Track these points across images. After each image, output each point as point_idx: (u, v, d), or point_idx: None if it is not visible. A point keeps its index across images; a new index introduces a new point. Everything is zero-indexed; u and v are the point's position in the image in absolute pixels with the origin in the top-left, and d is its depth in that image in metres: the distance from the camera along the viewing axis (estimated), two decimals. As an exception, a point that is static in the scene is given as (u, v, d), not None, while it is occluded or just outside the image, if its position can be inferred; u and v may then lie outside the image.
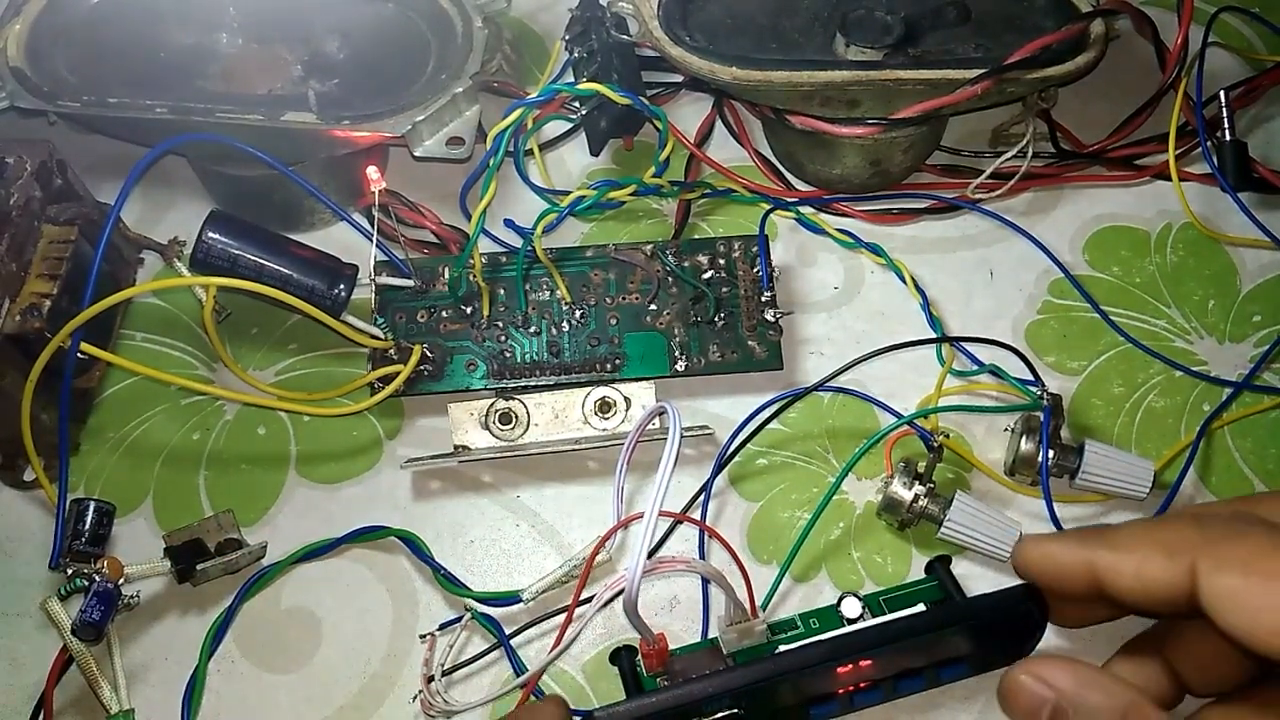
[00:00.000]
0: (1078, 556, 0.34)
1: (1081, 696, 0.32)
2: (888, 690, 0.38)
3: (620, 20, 0.61)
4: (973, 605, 0.39)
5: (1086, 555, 0.34)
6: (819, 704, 0.37)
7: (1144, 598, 0.32)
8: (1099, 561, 0.33)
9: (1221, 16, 0.64)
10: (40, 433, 0.48)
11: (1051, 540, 0.35)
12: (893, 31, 0.55)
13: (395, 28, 0.60)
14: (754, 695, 0.35)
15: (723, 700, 0.35)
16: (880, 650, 0.36)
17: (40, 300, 0.48)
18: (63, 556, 0.47)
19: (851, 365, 0.51)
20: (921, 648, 0.37)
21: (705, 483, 0.50)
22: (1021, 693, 0.34)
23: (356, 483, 0.52)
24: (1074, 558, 0.34)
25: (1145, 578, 0.32)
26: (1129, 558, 0.33)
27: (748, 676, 0.35)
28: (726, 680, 0.35)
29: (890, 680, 0.38)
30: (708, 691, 0.35)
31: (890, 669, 0.37)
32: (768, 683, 0.35)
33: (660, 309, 0.54)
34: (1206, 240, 0.58)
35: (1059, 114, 0.59)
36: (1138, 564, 0.32)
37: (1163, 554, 0.32)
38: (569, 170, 0.61)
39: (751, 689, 0.35)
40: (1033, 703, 0.33)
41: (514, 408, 0.52)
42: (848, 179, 0.58)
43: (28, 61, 0.56)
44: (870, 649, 0.36)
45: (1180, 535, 0.32)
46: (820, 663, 0.36)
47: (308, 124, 0.54)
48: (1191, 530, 0.32)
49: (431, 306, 0.54)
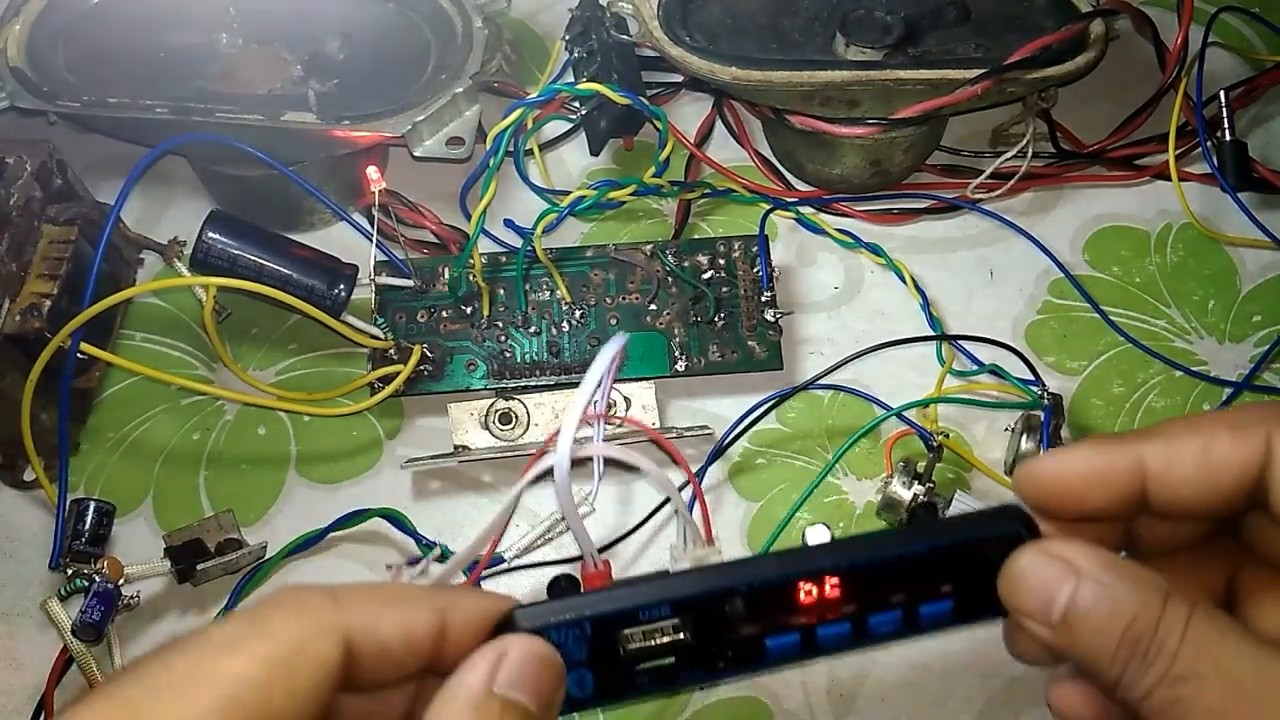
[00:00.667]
0: (1116, 457, 0.29)
1: (1110, 578, 0.27)
2: (857, 627, 0.32)
3: (620, 20, 0.61)
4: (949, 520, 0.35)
5: (1130, 452, 0.29)
6: (776, 633, 0.32)
7: (1204, 491, 0.28)
8: (1149, 454, 0.29)
9: (1221, 16, 0.63)
10: (40, 433, 0.48)
11: (1072, 450, 0.30)
12: (893, 31, 0.55)
13: (395, 28, 0.60)
14: (698, 608, 0.31)
15: (661, 609, 0.31)
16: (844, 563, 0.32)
17: (40, 300, 0.48)
18: (63, 556, 0.47)
19: (848, 360, 0.52)
20: (893, 572, 0.32)
21: (699, 469, 0.50)
22: (1035, 574, 0.28)
23: (356, 483, 0.52)
24: (1109, 460, 0.29)
25: (1212, 461, 0.28)
26: (1190, 442, 0.28)
27: (689, 584, 0.31)
28: (665, 586, 0.31)
29: (861, 613, 0.32)
30: (642, 596, 0.31)
31: (859, 597, 0.32)
32: (713, 594, 0.31)
33: (660, 309, 0.54)
34: (1206, 240, 0.58)
35: (1059, 114, 0.59)
36: (1202, 446, 0.28)
37: (1230, 433, 0.28)
38: (569, 170, 0.61)
39: (695, 600, 0.31)
40: (1048, 585, 0.28)
41: (514, 408, 0.52)
42: (848, 179, 0.58)
43: (28, 61, 0.55)
44: (833, 563, 0.32)
45: (1248, 413, 0.28)
46: (775, 575, 0.31)
47: (308, 124, 0.54)
48: (1261, 408, 0.29)
49: (431, 306, 0.54)
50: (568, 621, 0.30)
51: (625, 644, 0.30)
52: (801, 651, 0.32)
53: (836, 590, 0.31)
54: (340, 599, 0.27)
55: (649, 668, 0.30)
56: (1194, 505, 0.29)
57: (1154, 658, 0.26)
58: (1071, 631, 0.27)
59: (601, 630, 0.30)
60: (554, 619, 0.30)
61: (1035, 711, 0.46)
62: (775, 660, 0.31)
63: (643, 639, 0.30)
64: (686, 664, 0.31)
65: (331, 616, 0.26)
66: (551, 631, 0.29)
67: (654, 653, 0.30)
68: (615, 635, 0.30)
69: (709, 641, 0.31)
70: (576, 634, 0.30)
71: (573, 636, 0.30)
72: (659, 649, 0.30)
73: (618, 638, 0.30)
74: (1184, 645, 0.26)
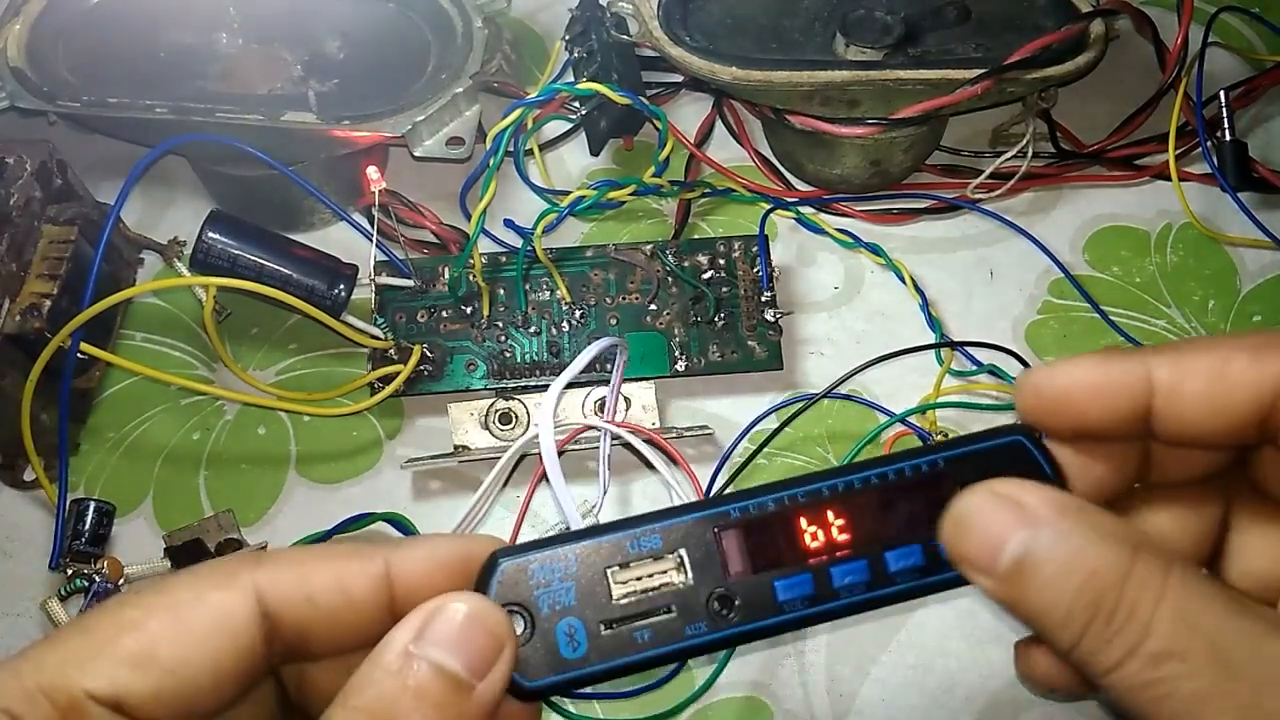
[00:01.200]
0: (1125, 367, 0.26)
1: (1067, 528, 0.24)
2: (875, 568, 0.29)
3: (620, 20, 0.61)
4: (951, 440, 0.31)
5: (1139, 364, 0.26)
6: (785, 575, 0.29)
7: (1214, 414, 0.26)
8: (1160, 367, 0.26)
9: (1221, 16, 0.63)
10: (40, 433, 0.49)
11: (1078, 359, 0.27)
12: (893, 31, 0.55)
13: (395, 28, 0.60)
14: (692, 540, 0.29)
15: (652, 540, 0.28)
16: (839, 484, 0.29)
17: (40, 300, 0.48)
18: (63, 556, 0.47)
19: (855, 373, 0.52)
20: (901, 500, 0.29)
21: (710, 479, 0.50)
22: (980, 517, 0.25)
23: (356, 483, 0.52)
24: (1117, 370, 0.26)
25: (1228, 380, 0.25)
26: (1204, 358, 0.26)
27: (680, 514, 0.29)
28: (654, 517, 0.29)
29: (875, 550, 0.29)
30: (630, 525, 0.29)
31: (869, 530, 0.29)
32: (705, 519, 0.29)
33: (660, 309, 0.54)
34: (1206, 240, 0.58)
35: (1059, 114, 0.59)
36: (1218, 364, 0.25)
37: (1248, 352, 0.25)
38: (569, 170, 0.61)
39: (687, 529, 0.29)
40: (994, 532, 0.25)
41: (514, 408, 0.52)
42: (848, 179, 0.58)
43: (28, 61, 0.55)
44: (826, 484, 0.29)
45: (1269, 336, 0.26)
46: (769, 498, 0.29)
47: (308, 124, 0.54)
48: (1276, 332, 0.26)
49: (431, 306, 0.54)
50: (551, 556, 0.28)
51: (617, 586, 0.28)
52: (816, 597, 0.29)
53: (841, 519, 0.29)
54: (261, 557, 0.26)
55: (648, 625, 0.28)
56: (1202, 429, 0.26)
57: (1121, 624, 0.23)
58: (1020, 585, 0.24)
59: (589, 568, 0.28)
60: (536, 555, 0.28)
61: (1035, 711, 0.46)
62: (790, 610, 0.29)
63: (635, 583, 0.28)
64: (689, 617, 0.28)
65: (245, 571, 0.25)
66: (535, 568, 0.28)
67: (652, 606, 0.28)
68: (604, 576, 0.28)
69: (709, 586, 0.29)
70: (562, 570, 0.28)
71: (558, 574, 0.28)
72: (656, 601, 0.28)
73: (607, 581, 0.28)
74: (1160, 613, 0.23)
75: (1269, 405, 0.25)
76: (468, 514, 0.49)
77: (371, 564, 0.26)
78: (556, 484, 0.34)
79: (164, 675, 0.24)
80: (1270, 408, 0.25)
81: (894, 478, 0.29)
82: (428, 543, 0.27)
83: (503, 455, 0.49)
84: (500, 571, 0.27)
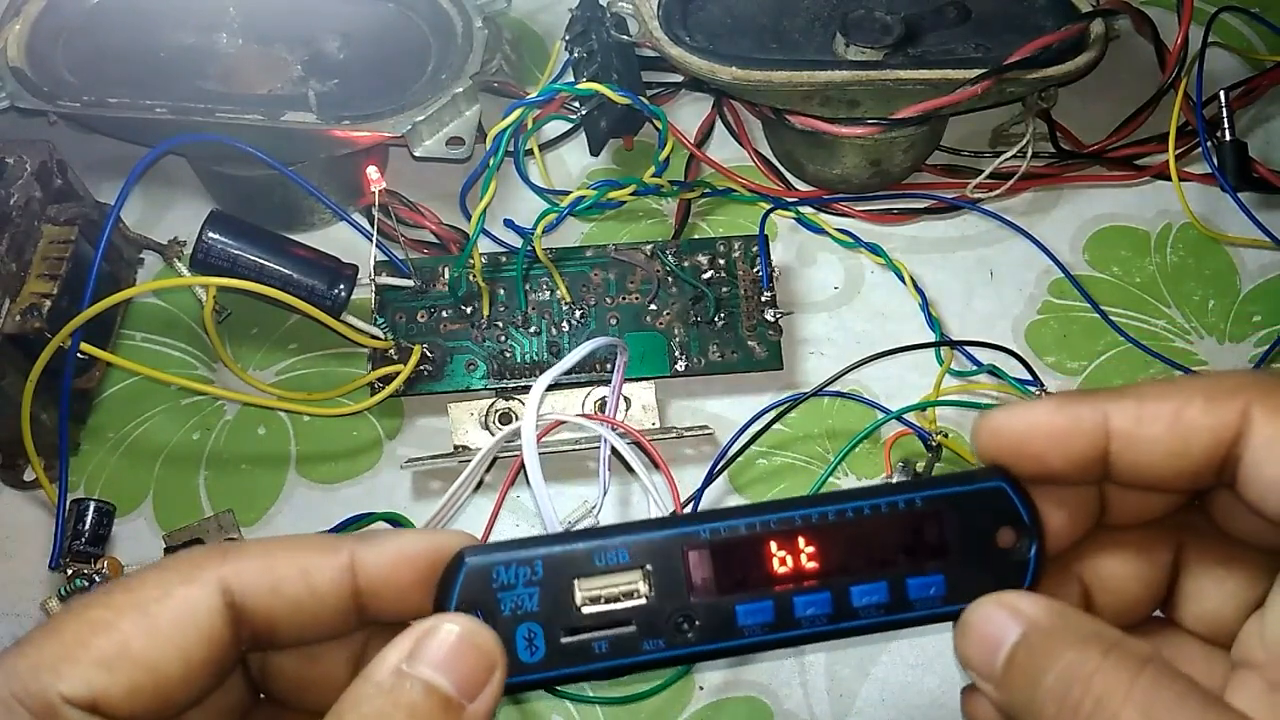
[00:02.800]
0: (1081, 414, 0.27)
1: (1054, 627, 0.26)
2: (839, 601, 0.29)
3: (620, 20, 0.61)
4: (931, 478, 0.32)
5: (1096, 410, 0.27)
6: (747, 601, 0.29)
7: (1171, 459, 0.26)
8: (1117, 414, 0.26)
9: (1221, 16, 0.63)
10: (40, 433, 0.49)
11: (1035, 404, 0.28)
12: (893, 31, 0.55)
13: (395, 28, 0.60)
14: (658, 557, 0.28)
15: (619, 554, 0.28)
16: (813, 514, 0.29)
17: (40, 300, 0.48)
18: (63, 556, 0.47)
19: (855, 367, 0.51)
20: (874, 535, 0.29)
21: (700, 487, 0.50)
22: (984, 623, 0.27)
23: (356, 483, 0.52)
24: (1074, 416, 0.27)
25: (1183, 426, 0.26)
26: (1163, 405, 0.26)
27: (650, 529, 0.29)
28: (623, 530, 0.29)
29: (842, 584, 0.29)
30: (599, 538, 0.28)
31: (838, 563, 0.29)
32: (674, 539, 0.28)
33: (660, 309, 0.54)
34: (1206, 240, 0.58)
35: (1059, 114, 0.59)
36: (1174, 410, 0.26)
37: (1205, 398, 0.26)
38: (569, 170, 0.61)
39: (655, 546, 0.28)
40: (994, 634, 0.26)
41: (514, 408, 0.52)
42: (848, 179, 0.58)
43: (28, 61, 0.55)
44: (800, 512, 0.29)
45: (1228, 380, 0.26)
46: (741, 521, 0.29)
47: (308, 124, 0.54)
48: (1240, 376, 0.26)
49: (431, 306, 0.54)
50: (518, 559, 0.28)
51: (580, 597, 0.28)
52: (776, 625, 0.29)
53: (811, 547, 0.29)
54: (227, 549, 0.26)
55: (606, 636, 0.28)
56: (1159, 473, 0.27)
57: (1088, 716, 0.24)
58: (1010, 684, 0.26)
59: (554, 574, 0.28)
60: (503, 556, 0.28)
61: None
62: (749, 635, 0.29)
63: (599, 592, 0.28)
64: (648, 632, 0.28)
65: (209, 570, 0.26)
66: (499, 569, 0.28)
67: (613, 618, 0.28)
68: (569, 585, 0.28)
69: (672, 603, 0.28)
70: (528, 574, 0.28)
71: (523, 578, 0.28)
72: (618, 614, 0.28)
73: (572, 589, 0.28)
74: (1127, 710, 0.23)
75: (1225, 450, 0.26)
76: (441, 507, 0.49)
77: (336, 556, 0.27)
78: (535, 482, 0.33)
79: (137, 674, 0.24)
80: (1226, 453, 0.26)
81: (870, 513, 0.29)
82: (395, 537, 0.28)
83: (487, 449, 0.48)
84: (466, 570, 0.27)
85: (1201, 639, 0.29)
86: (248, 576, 0.26)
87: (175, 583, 0.25)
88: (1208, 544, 0.29)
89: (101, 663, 0.24)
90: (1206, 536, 0.29)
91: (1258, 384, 0.26)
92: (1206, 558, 0.29)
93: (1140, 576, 0.29)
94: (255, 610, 0.26)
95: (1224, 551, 0.28)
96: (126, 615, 0.25)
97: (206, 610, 0.25)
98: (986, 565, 0.29)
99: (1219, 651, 0.28)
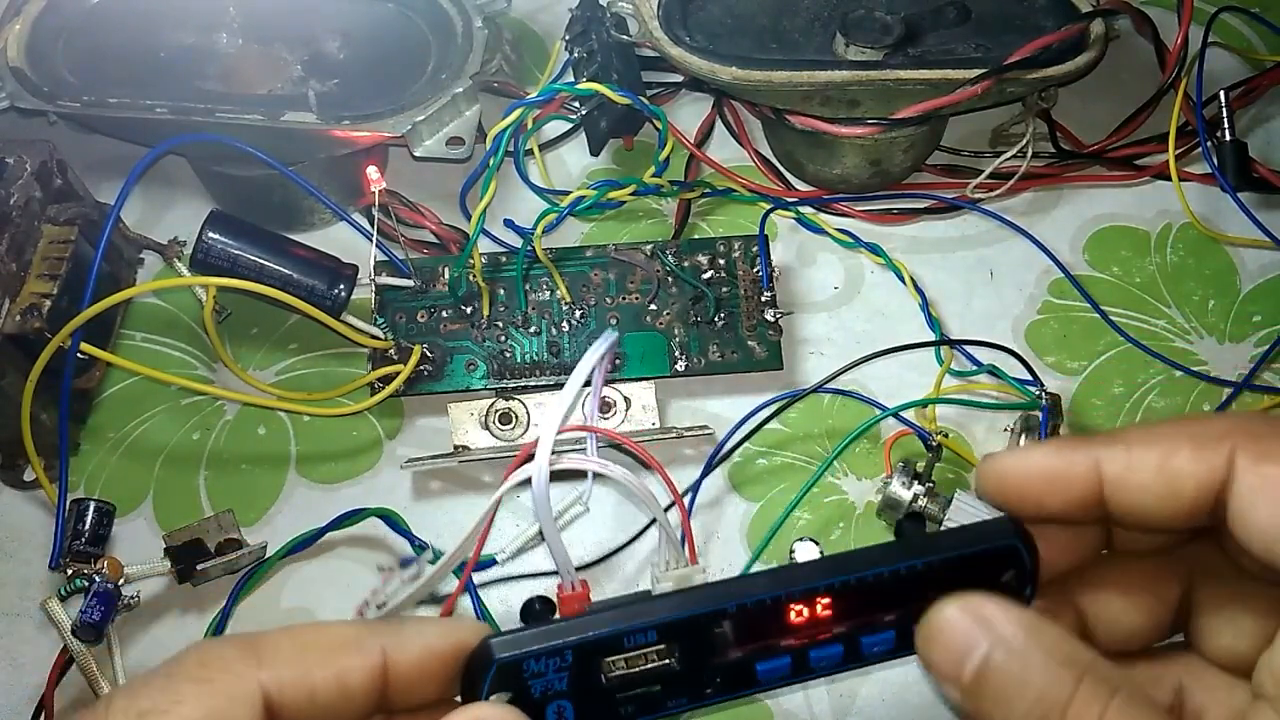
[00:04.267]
0: (1075, 460, 0.28)
1: (1026, 645, 0.25)
2: (850, 649, 0.30)
3: (620, 20, 0.61)
4: (943, 534, 0.33)
5: (1088, 456, 0.27)
6: (767, 658, 0.30)
7: (1162, 503, 0.27)
8: (1108, 461, 0.27)
9: (1221, 16, 0.63)
10: (40, 433, 0.48)
11: (1033, 450, 0.29)
12: (893, 31, 0.55)
13: (395, 28, 0.60)
14: (686, 633, 0.29)
15: (647, 634, 0.29)
16: (835, 582, 0.30)
17: (40, 300, 0.48)
18: (63, 556, 0.47)
19: (854, 365, 0.52)
20: (886, 591, 0.30)
21: (697, 480, 0.50)
22: (948, 630, 0.27)
23: (356, 483, 0.52)
24: (1068, 462, 0.28)
25: (1170, 473, 0.26)
26: (1150, 451, 0.27)
27: (676, 607, 0.29)
28: (651, 610, 0.29)
29: (853, 634, 0.31)
30: (627, 622, 0.29)
31: (851, 616, 0.30)
32: (701, 617, 0.29)
33: (660, 309, 0.54)
34: (1206, 240, 0.58)
35: (1059, 114, 0.59)
36: (1161, 457, 0.26)
37: (1192, 445, 0.26)
38: (569, 170, 0.61)
39: (682, 625, 0.29)
40: (960, 644, 0.26)
41: (514, 408, 0.52)
42: (848, 179, 0.58)
43: (28, 61, 0.55)
44: (824, 582, 0.30)
45: (1214, 426, 0.27)
46: (764, 594, 0.29)
47: (308, 124, 0.54)
48: (1226, 420, 0.27)
49: (431, 306, 0.54)
50: (548, 650, 0.28)
51: (608, 671, 0.29)
52: (793, 674, 0.30)
53: (828, 611, 0.30)
54: (262, 654, 0.26)
55: (633, 694, 0.29)
56: (1152, 516, 0.27)
57: None
58: (979, 696, 0.26)
59: (584, 659, 0.28)
60: (534, 648, 0.28)
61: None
62: (765, 684, 0.30)
63: (627, 666, 0.29)
64: (673, 692, 0.29)
65: (249, 679, 0.25)
66: (530, 661, 0.28)
67: (639, 680, 0.29)
68: (598, 663, 0.29)
69: (697, 667, 0.30)
70: (557, 663, 0.28)
71: (553, 666, 0.28)
72: (644, 676, 0.29)
73: (600, 665, 0.29)
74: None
75: (1214, 495, 0.26)
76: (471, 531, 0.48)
77: (369, 658, 0.27)
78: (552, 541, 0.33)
79: None
80: (1215, 498, 0.26)
81: (889, 576, 0.30)
82: (422, 631, 0.28)
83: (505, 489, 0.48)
84: (497, 665, 0.28)
85: (1223, 668, 0.29)
86: (286, 685, 0.26)
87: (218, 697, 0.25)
88: (1220, 578, 0.29)
89: None
90: (1219, 570, 0.29)
91: (1243, 429, 0.26)
92: (1220, 592, 0.29)
93: (1142, 607, 0.30)
94: (289, 715, 0.26)
95: (1237, 586, 0.29)
96: None
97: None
98: None
99: (1240, 682, 0.28)
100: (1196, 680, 0.29)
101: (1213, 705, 0.28)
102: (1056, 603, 0.30)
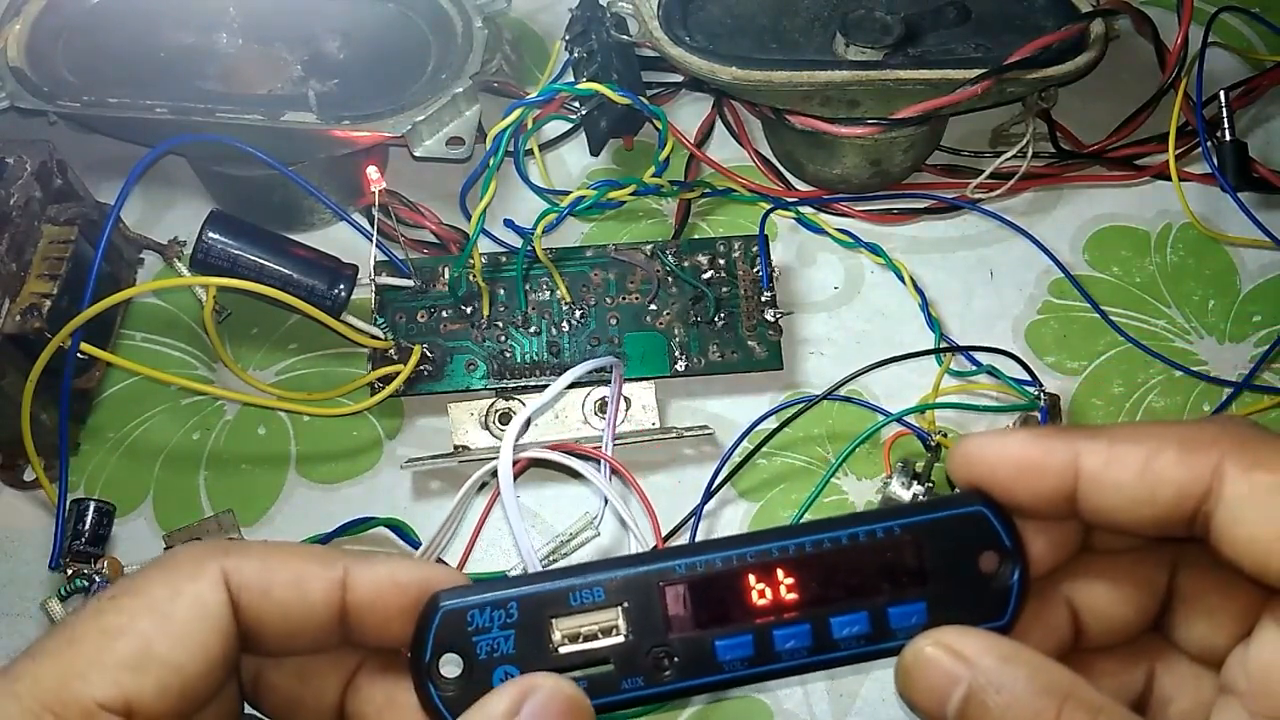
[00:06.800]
0: (1052, 449, 0.26)
1: (1005, 678, 0.25)
2: (819, 631, 0.29)
3: (620, 20, 0.61)
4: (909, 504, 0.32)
5: (1066, 448, 0.26)
6: (725, 635, 0.28)
7: (1136, 506, 0.26)
8: (1087, 456, 0.26)
9: (1221, 16, 0.63)
10: (40, 433, 0.49)
11: (1011, 434, 0.28)
12: (893, 31, 0.55)
13: (395, 28, 0.60)
14: (634, 593, 0.28)
15: (594, 592, 0.28)
16: (789, 545, 0.28)
17: (40, 300, 0.48)
18: (63, 556, 0.47)
19: (858, 374, 0.52)
20: (853, 565, 0.29)
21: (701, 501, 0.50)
22: (927, 669, 0.26)
23: (356, 483, 0.52)
24: (1044, 450, 0.27)
25: (1153, 475, 0.25)
26: (1134, 450, 0.26)
27: (625, 565, 0.28)
28: (599, 568, 0.28)
29: (821, 614, 0.29)
30: (574, 576, 0.28)
31: (818, 594, 0.29)
32: (650, 575, 0.28)
33: (660, 309, 0.54)
34: (1206, 240, 0.58)
35: (1059, 114, 0.59)
36: (1144, 458, 0.25)
37: (1179, 448, 0.25)
38: (569, 170, 0.61)
39: (630, 582, 0.28)
40: (940, 683, 0.26)
41: (514, 408, 0.52)
42: (848, 179, 0.58)
43: (28, 61, 0.55)
44: (776, 544, 0.29)
45: (1203, 431, 0.26)
46: (714, 554, 0.28)
47: (308, 124, 0.54)
48: (1215, 426, 0.26)
49: (431, 306, 0.54)
50: (493, 602, 0.28)
51: (557, 637, 0.28)
52: (757, 659, 0.29)
53: (790, 579, 0.29)
54: (228, 546, 0.27)
55: (585, 675, 0.28)
56: (1124, 517, 0.26)
57: None
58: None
59: (530, 615, 0.28)
60: (477, 598, 0.28)
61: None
62: (729, 670, 0.29)
63: (576, 631, 0.28)
64: (626, 670, 0.28)
65: (212, 560, 0.26)
66: (475, 613, 0.28)
67: (590, 657, 0.28)
68: (545, 624, 0.28)
69: (650, 640, 0.28)
70: (503, 617, 0.28)
71: (498, 620, 0.28)
72: (596, 653, 0.28)
73: (548, 628, 0.28)
74: None
75: (1193, 504, 0.25)
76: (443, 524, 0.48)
77: (331, 569, 0.27)
78: (513, 519, 0.33)
79: (164, 673, 0.24)
80: (1195, 507, 0.25)
81: (848, 542, 0.29)
82: (390, 563, 0.28)
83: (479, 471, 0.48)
84: (441, 614, 0.27)
85: (1193, 659, 0.29)
86: (246, 574, 0.26)
87: (183, 579, 0.26)
88: (1202, 569, 0.29)
89: (128, 666, 0.24)
90: (1201, 561, 0.28)
91: (1233, 436, 0.25)
92: (1201, 584, 0.29)
93: (1130, 600, 0.29)
94: (246, 609, 0.26)
95: (1217, 578, 0.28)
96: (142, 617, 0.25)
97: (217, 605, 0.26)
98: (968, 591, 0.29)
99: (1209, 673, 0.28)
100: (1167, 669, 0.29)
101: (1179, 695, 0.28)
102: (1049, 601, 0.29)
